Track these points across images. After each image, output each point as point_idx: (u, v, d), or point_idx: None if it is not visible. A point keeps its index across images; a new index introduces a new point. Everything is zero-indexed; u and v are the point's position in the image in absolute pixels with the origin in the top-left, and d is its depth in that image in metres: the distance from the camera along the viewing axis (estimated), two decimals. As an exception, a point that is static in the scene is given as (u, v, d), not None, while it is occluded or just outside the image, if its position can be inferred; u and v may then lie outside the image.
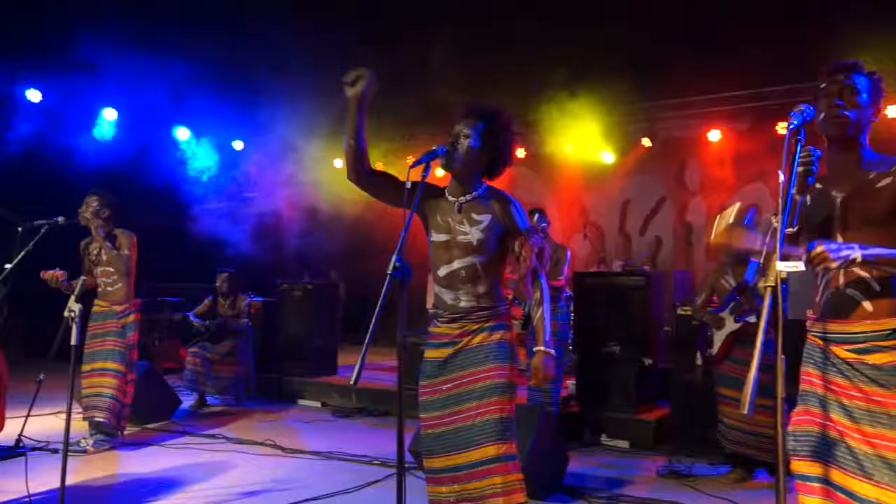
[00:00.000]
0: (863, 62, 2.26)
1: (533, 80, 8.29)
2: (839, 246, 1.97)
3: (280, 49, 7.59)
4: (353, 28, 7.78)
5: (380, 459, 4.85)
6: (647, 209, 10.38)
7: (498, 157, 2.80)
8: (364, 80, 2.69)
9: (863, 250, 1.98)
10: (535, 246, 2.69)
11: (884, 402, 2.09)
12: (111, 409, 5.02)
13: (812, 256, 1.96)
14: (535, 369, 2.70)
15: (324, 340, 7.74)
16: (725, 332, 4.50)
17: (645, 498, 4.10)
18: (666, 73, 7.89)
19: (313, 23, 7.62)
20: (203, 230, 9.36)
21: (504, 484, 2.55)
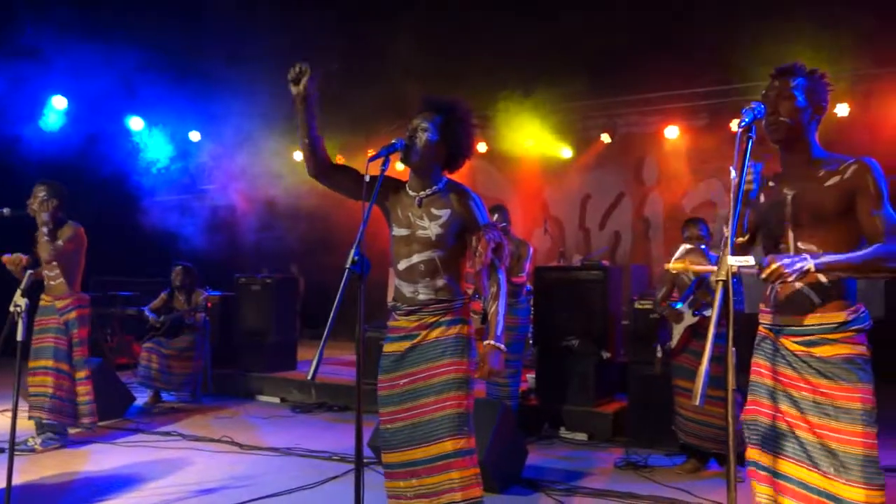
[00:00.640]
0: (802, 64, 2.32)
1: (492, 74, 8.30)
2: (792, 260, 2.02)
3: (238, 37, 7.45)
4: (314, 16, 7.68)
5: (339, 455, 4.82)
6: (607, 204, 10.51)
7: (457, 150, 2.80)
8: (307, 75, 2.62)
9: (815, 260, 2.03)
10: (491, 241, 2.68)
11: (830, 393, 2.15)
12: (53, 409, 4.87)
13: (767, 274, 2.01)
14: (481, 362, 2.70)
15: (283, 335, 7.65)
16: (684, 326, 4.60)
17: (602, 489, 4.17)
18: (624, 69, 7.99)
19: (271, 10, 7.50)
20: (159, 223, 9.15)
21: (461, 479, 2.56)
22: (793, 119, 2.24)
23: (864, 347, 2.19)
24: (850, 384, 2.13)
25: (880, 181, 2.17)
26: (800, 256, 2.05)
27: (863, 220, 2.16)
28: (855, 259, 2.08)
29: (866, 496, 2.05)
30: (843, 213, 2.19)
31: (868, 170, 2.17)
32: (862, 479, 2.06)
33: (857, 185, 2.17)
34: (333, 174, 2.78)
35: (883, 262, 2.07)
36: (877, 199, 2.15)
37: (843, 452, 2.10)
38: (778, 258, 2.02)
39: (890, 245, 2.09)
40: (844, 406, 2.12)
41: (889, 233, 2.11)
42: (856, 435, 2.09)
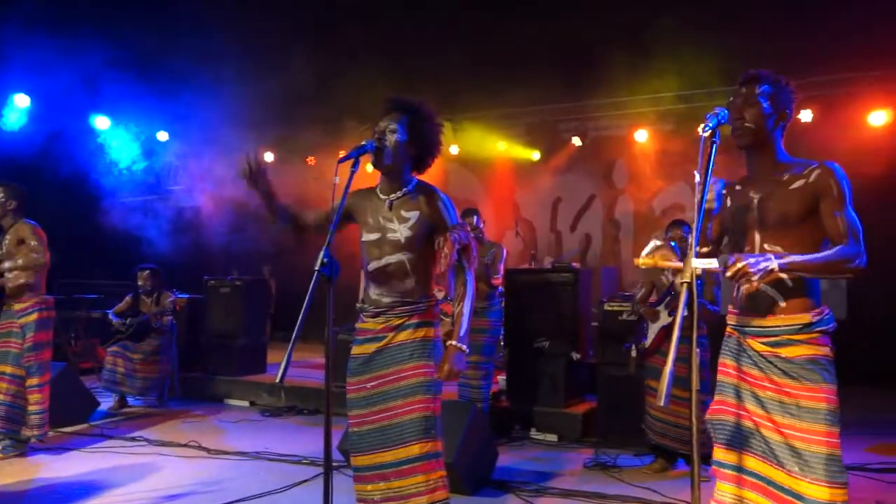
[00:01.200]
0: (767, 71, 2.36)
1: (464, 77, 8.33)
2: (756, 260, 2.05)
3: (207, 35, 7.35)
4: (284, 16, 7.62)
5: (309, 458, 4.78)
6: (578, 207, 10.60)
7: (425, 150, 2.82)
8: (258, 168, 2.77)
9: (779, 260, 2.07)
10: (457, 242, 2.68)
11: (794, 393, 2.19)
12: (7, 417, 4.75)
13: (732, 274, 2.04)
14: (443, 362, 2.67)
15: (253, 338, 7.57)
16: (659, 326, 4.65)
17: (571, 490, 4.19)
18: (594, 73, 8.07)
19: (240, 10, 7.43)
20: (124, 224, 8.99)
21: (427, 482, 2.57)
22: (758, 125, 2.28)
23: (827, 349, 2.23)
24: (815, 384, 2.17)
25: (843, 184, 2.22)
26: (764, 256, 2.08)
27: (826, 222, 2.21)
28: (818, 260, 2.13)
29: (830, 494, 2.09)
30: (808, 216, 2.24)
31: (831, 173, 2.23)
32: (826, 478, 2.10)
33: (820, 188, 2.22)
34: (321, 228, 2.88)
35: (843, 264, 2.12)
36: (839, 202, 2.20)
37: (808, 451, 2.14)
38: (743, 257, 2.05)
39: (851, 247, 2.14)
40: (809, 406, 2.16)
41: (850, 234, 2.17)
42: (820, 434, 2.13)
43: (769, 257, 2.08)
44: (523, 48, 7.80)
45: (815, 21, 6.72)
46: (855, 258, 2.13)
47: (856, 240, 2.16)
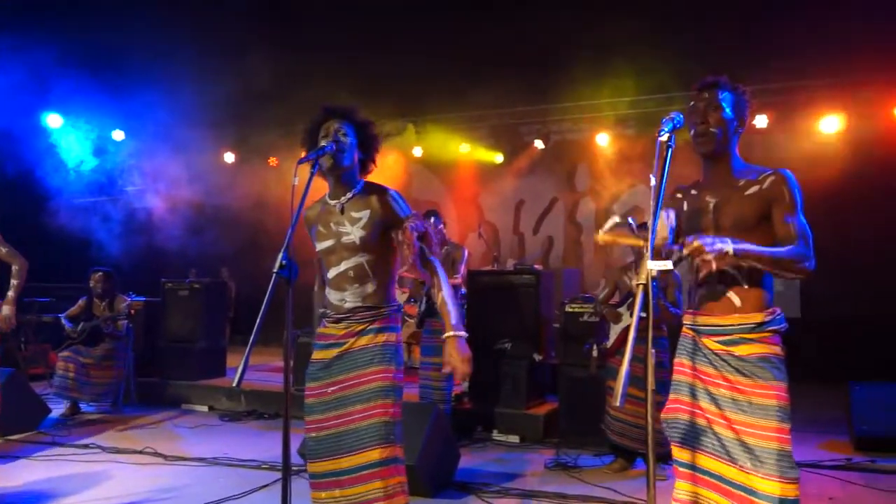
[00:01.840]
0: (727, 78, 2.42)
1: (428, 79, 8.34)
2: (714, 240, 2.10)
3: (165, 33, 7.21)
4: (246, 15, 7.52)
5: (268, 463, 4.72)
6: (540, 209, 10.70)
7: (369, 155, 2.84)
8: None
9: (735, 244, 2.12)
10: (415, 231, 2.65)
11: (747, 390, 2.24)
12: None
13: (689, 249, 2.09)
14: (449, 357, 2.59)
15: (211, 341, 7.43)
16: (621, 327, 4.70)
17: (532, 490, 4.21)
18: (557, 77, 8.15)
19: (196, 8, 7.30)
20: (80, 226, 8.76)
21: (385, 488, 2.54)
22: (721, 130, 2.33)
23: (779, 347, 2.29)
24: (766, 382, 2.23)
25: (795, 191, 2.29)
26: (721, 238, 2.13)
27: (778, 227, 2.28)
28: (772, 253, 2.18)
29: (781, 489, 2.13)
30: (761, 221, 2.30)
31: (784, 180, 2.29)
32: (777, 473, 2.14)
33: (774, 194, 2.28)
34: None
35: (794, 262, 2.19)
36: (791, 208, 2.27)
37: (759, 447, 2.18)
38: (700, 237, 2.10)
39: (801, 249, 2.21)
40: (760, 403, 2.21)
41: (801, 239, 2.23)
42: (771, 430, 2.18)
43: (725, 240, 2.12)
44: (487, 51, 7.83)
45: (771, 29, 6.90)
46: (805, 260, 2.20)
47: (806, 244, 2.23)
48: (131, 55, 7.73)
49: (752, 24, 6.74)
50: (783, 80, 7.82)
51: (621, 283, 4.87)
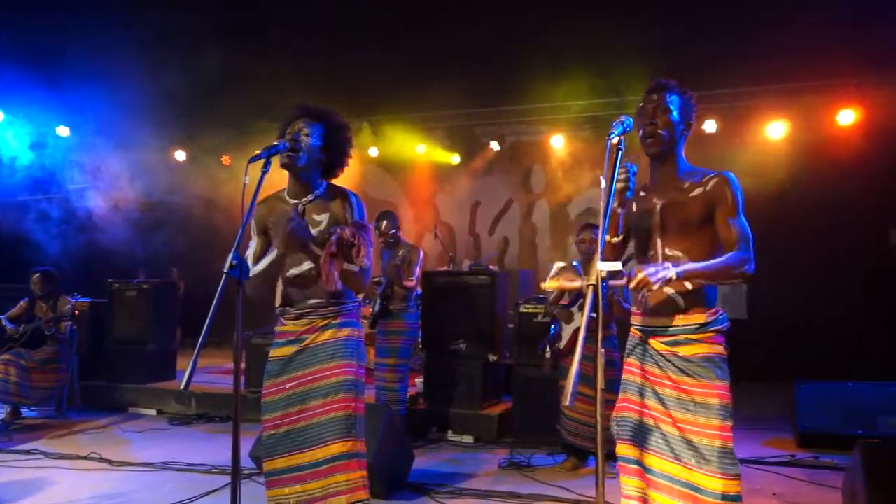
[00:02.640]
0: (675, 82, 2.47)
1: (384, 79, 8.30)
2: (656, 269, 2.15)
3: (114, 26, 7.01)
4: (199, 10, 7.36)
5: (218, 467, 4.62)
6: (496, 210, 10.77)
7: (336, 159, 2.82)
8: None
9: (676, 268, 2.18)
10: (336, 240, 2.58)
11: (690, 390, 2.29)
12: None
13: (633, 285, 2.15)
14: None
15: (161, 343, 7.25)
16: (573, 327, 4.75)
17: (486, 490, 4.23)
18: (512, 79, 8.21)
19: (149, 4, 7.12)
20: (22, 224, 8.45)
21: (347, 482, 2.55)
22: (668, 132, 2.38)
23: (721, 347, 2.34)
24: (709, 381, 2.28)
25: (737, 193, 2.35)
26: (663, 265, 2.19)
27: (720, 228, 2.34)
28: (711, 266, 2.25)
29: (723, 486, 2.18)
30: (705, 222, 2.35)
31: (727, 183, 2.35)
32: (719, 470, 2.19)
33: (716, 196, 2.33)
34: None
35: (734, 270, 2.25)
36: (733, 210, 2.33)
37: (702, 445, 2.23)
38: (644, 268, 2.15)
39: (741, 253, 2.27)
40: (703, 401, 2.26)
41: (741, 241, 2.29)
42: (713, 428, 2.23)
43: (667, 266, 2.18)
44: (443, 52, 7.85)
45: (719, 35, 7.08)
46: (744, 264, 2.25)
47: (746, 246, 2.29)
48: (78, 50, 7.49)
49: (702, 30, 6.91)
50: (731, 86, 8.03)
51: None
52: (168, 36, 7.44)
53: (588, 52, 7.43)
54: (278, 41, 7.79)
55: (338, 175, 2.86)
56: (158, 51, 7.38)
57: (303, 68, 7.53)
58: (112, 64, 7.18)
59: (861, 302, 8.14)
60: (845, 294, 8.11)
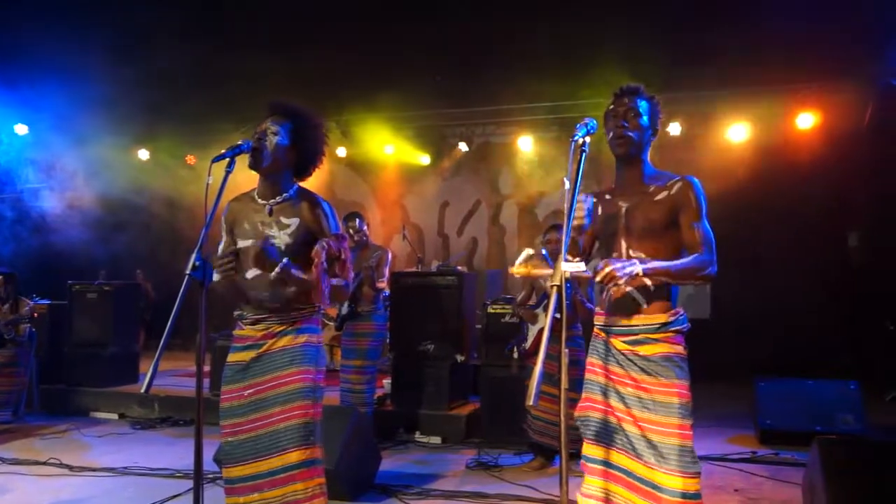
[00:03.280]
0: (643, 87, 2.51)
1: (353, 80, 8.26)
2: (623, 264, 2.18)
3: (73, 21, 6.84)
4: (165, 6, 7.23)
5: (182, 472, 4.55)
6: (465, 211, 10.79)
7: (308, 158, 2.78)
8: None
9: (643, 265, 2.21)
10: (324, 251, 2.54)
11: (651, 389, 2.32)
12: None
13: (601, 278, 2.17)
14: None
15: (123, 346, 7.10)
16: (538, 328, 4.78)
17: (453, 491, 4.24)
18: (480, 80, 8.24)
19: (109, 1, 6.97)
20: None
21: (305, 490, 2.53)
22: (638, 134, 2.42)
23: (681, 347, 2.38)
24: (668, 380, 2.31)
25: (700, 197, 2.39)
26: (630, 261, 2.23)
27: (684, 231, 2.38)
28: (676, 266, 2.29)
29: (683, 484, 2.22)
30: (669, 225, 2.39)
31: (690, 187, 2.39)
32: (679, 468, 2.22)
33: (681, 200, 2.38)
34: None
35: (698, 271, 2.29)
36: (697, 214, 2.37)
37: (662, 444, 2.26)
38: (611, 262, 2.18)
39: (705, 255, 2.31)
40: (663, 400, 2.30)
41: (704, 244, 2.34)
42: (673, 427, 2.26)
43: (634, 262, 2.22)
44: (412, 53, 7.84)
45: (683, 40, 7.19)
46: (708, 266, 2.30)
47: (709, 250, 2.33)
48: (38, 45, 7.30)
49: (667, 35, 7.00)
50: (695, 89, 8.16)
51: (537, 284, 4.96)
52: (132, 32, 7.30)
53: (555, 55, 7.49)
54: (246, 39, 7.68)
55: (311, 174, 2.82)
56: (122, 47, 7.23)
57: (271, 67, 7.45)
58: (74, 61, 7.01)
59: (820, 302, 8.35)
60: (805, 295, 8.31)
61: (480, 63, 7.80)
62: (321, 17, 7.58)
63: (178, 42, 7.05)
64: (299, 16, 7.57)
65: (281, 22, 7.57)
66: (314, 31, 7.67)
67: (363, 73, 8.04)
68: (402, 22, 7.63)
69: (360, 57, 7.72)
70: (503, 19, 7.37)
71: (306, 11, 7.62)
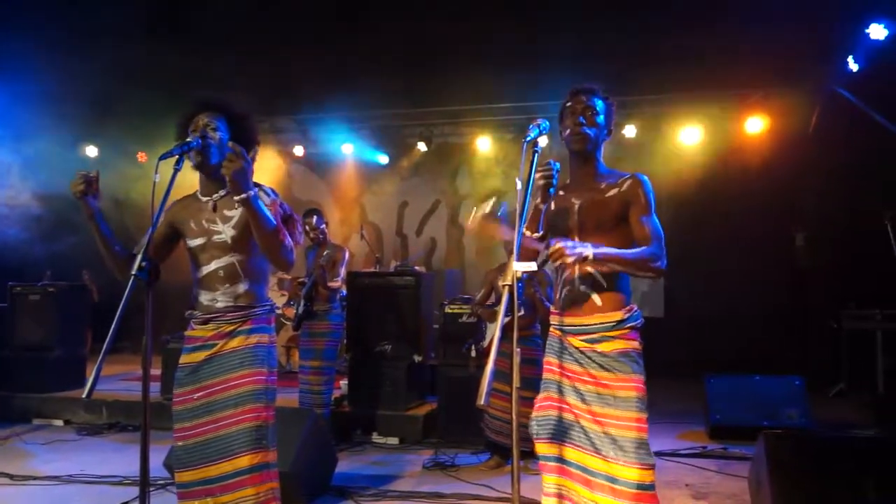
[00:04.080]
0: (600, 87, 2.55)
1: (310, 79, 8.18)
2: (574, 244, 2.21)
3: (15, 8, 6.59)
4: (110, 3, 7.03)
5: (130, 478, 4.42)
6: (423, 211, 10.78)
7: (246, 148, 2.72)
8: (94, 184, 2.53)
9: (595, 249, 2.24)
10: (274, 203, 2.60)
11: (610, 385, 2.36)
12: None
13: (550, 252, 2.18)
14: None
15: (69, 350, 6.86)
16: (497, 327, 4.77)
17: (410, 491, 4.22)
18: (438, 80, 8.24)
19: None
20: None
21: (257, 495, 2.49)
22: (595, 132, 2.46)
23: (637, 342, 2.42)
24: (626, 375, 2.35)
25: (649, 194, 2.44)
26: (581, 243, 2.26)
27: (634, 226, 2.42)
28: (628, 255, 2.31)
29: (639, 475, 2.26)
30: (620, 221, 2.43)
31: (640, 184, 2.44)
32: (636, 460, 2.27)
33: (630, 196, 2.42)
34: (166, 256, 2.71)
35: (649, 262, 2.32)
36: (646, 209, 2.42)
37: (621, 437, 2.30)
38: (562, 240, 2.19)
39: (654, 249, 2.35)
40: (622, 395, 2.34)
41: (654, 238, 2.38)
42: (631, 420, 2.31)
43: (586, 244, 2.24)
44: (370, 52, 7.79)
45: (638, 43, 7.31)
46: (657, 259, 2.34)
47: (659, 244, 2.37)
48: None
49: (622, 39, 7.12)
50: (649, 92, 8.31)
51: (496, 284, 4.97)
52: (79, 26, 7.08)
53: (512, 57, 7.54)
54: (201, 35, 7.53)
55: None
56: (68, 41, 7.00)
57: (226, 64, 7.31)
58: (14, 54, 6.76)
59: (768, 301, 8.59)
60: (755, 294, 8.54)
61: (439, 63, 7.80)
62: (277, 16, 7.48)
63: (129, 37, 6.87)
64: (255, 14, 7.46)
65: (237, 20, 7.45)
66: (270, 28, 7.57)
67: (320, 71, 7.96)
68: (359, 21, 7.59)
69: (317, 55, 7.65)
70: (461, 20, 7.39)
71: (262, 9, 7.51)
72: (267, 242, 2.49)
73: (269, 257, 2.56)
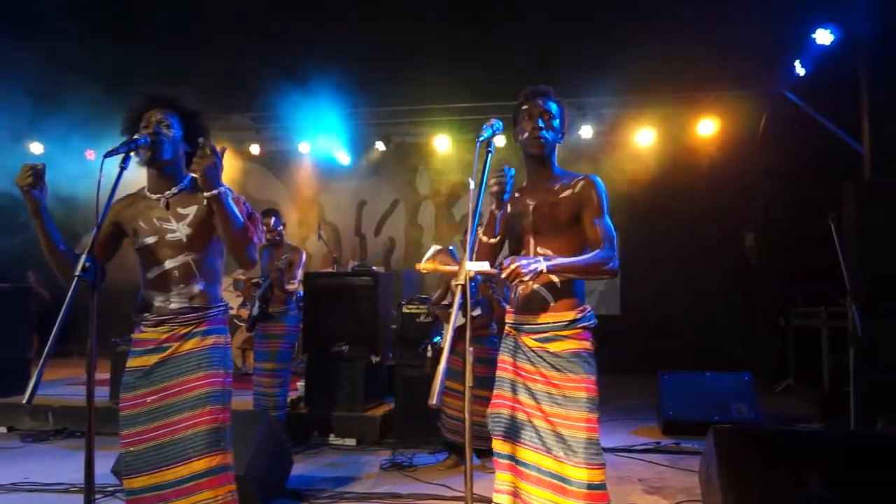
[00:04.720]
0: (554, 90, 2.57)
1: (267, 75, 8.06)
2: (528, 262, 2.22)
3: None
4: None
5: (77, 486, 4.29)
6: (382, 210, 10.74)
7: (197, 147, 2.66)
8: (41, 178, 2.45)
9: (547, 262, 2.26)
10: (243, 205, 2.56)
11: (561, 385, 2.38)
12: None
13: (506, 276, 2.20)
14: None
15: (12, 354, 6.59)
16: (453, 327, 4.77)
17: (366, 493, 4.20)
18: (397, 80, 8.21)
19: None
20: None
21: (215, 497, 2.44)
22: (553, 136, 2.48)
23: (589, 343, 2.44)
24: (577, 375, 2.37)
25: (602, 195, 2.47)
26: (535, 258, 2.27)
27: (587, 228, 2.45)
28: (579, 262, 2.35)
29: (588, 475, 2.28)
30: (574, 223, 2.46)
31: (593, 185, 2.47)
32: (585, 461, 2.29)
33: (583, 198, 2.45)
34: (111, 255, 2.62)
35: (600, 266, 2.35)
36: (598, 211, 2.45)
37: (571, 437, 2.32)
38: (516, 260, 2.21)
39: (606, 251, 2.38)
40: (571, 395, 2.36)
41: (606, 239, 2.41)
42: (580, 420, 2.32)
43: (539, 259, 2.26)
44: (328, 50, 7.72)
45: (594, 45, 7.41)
46: (609, 261, 2.36)
47: (611, 245, 2.40)
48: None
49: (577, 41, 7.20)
50: (604, 94, 8.42)
51: (453, 285, 4.97)
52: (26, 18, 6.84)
53: (469, 57, 7.55)
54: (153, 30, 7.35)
55: None
56: (13, 36, 6.76)
57: (181, 61, 7.15)
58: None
59: (718, 299, 8.81)
60: (706, 292, 8.75)
61: (397, 63, 7.78)
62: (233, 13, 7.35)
63: (71, 27, 6.65)
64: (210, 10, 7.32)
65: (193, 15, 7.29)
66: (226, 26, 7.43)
67: (276, 69, 7.85)
68: (317, 21, 7.51)
69: (273, 52, 7.55)
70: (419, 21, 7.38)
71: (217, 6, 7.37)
72: (235, 240, 2.46)
73: (234, 255, 2.52)
